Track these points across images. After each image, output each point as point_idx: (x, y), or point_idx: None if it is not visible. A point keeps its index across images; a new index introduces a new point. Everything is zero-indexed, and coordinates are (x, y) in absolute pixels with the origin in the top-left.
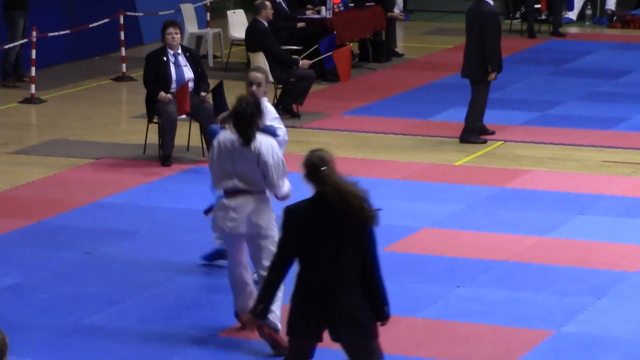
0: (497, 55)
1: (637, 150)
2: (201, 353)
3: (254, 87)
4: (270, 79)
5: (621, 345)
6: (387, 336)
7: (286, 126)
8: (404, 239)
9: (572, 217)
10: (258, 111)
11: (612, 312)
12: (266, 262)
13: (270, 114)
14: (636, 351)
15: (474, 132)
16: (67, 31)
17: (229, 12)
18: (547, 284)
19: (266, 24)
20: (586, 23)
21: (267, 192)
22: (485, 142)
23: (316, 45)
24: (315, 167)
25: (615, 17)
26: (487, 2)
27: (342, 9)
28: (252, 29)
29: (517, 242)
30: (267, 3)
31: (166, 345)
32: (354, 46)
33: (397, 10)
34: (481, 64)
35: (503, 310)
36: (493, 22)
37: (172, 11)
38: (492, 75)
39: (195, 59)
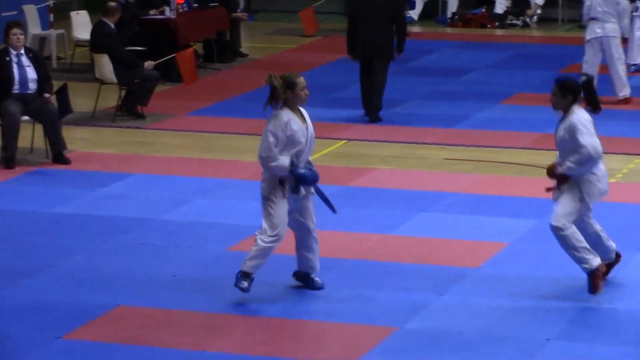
0: None
1: (478, 148)
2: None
3: (306, 91)
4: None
5: (463, 340)
6: (232, 336)
7: (130, 127)
8: (248, 238)
9: (415, 215)
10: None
11: (454, 308)
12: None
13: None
14: (478, 346)
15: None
16: None
17: (73, 14)
18: (391, 281)
19: (112, 26)
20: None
21: None
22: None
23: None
24: None
25: (456, 16)
26: None
27: (185, 9)
28: (98, 30)
29: (362, 240)
30: (119, 7)
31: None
32: (198, 47)
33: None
34: (392, 45)
35: (347, 308)
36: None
37: (15, 12)
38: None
39: (38, 59)
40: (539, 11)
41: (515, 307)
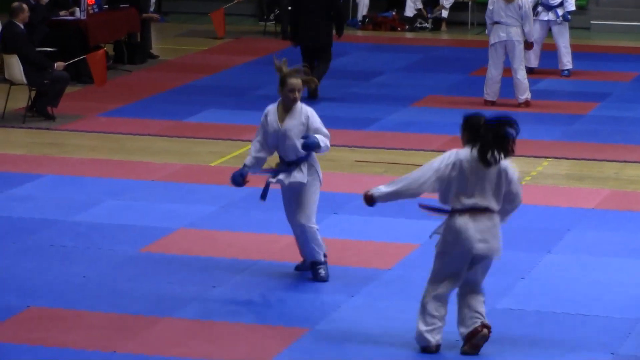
0: None
1: (388, 150)
2: None
3: (297, 94)
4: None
5: (373, 340)
6: (143, 337)
7: (40, 128)
8: (160, 240)
9: (326, 216)
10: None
11: (364, 309)
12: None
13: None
14: (388, 346)
15: None
16: None
17: None
18: (302, 282)
19: (22, 27)
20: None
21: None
22: None
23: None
24: None
25: (367, 19)
26: None
27: (96, 10)
28: (8, 31)
29: (273, 242)
30: (25, 6)
31: None
32: (109, 48)
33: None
34: (331, 29)
35: (259, 309)
36: None
37: None
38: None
39: None
40: (445, 13)
41: None
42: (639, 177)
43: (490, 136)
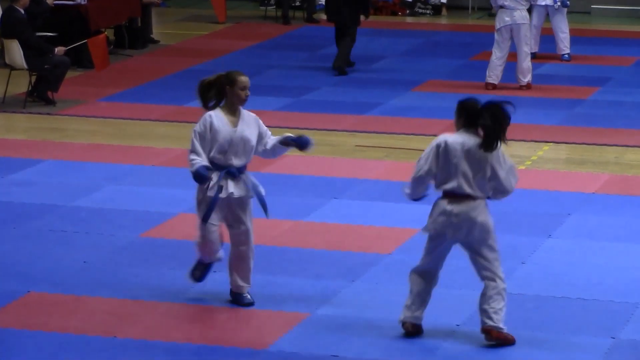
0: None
1: (389, 135)
2: None
3: (248, 92)
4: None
5: (374, 326)
6: (144, 322)
7: (41, 113)
8: (160, 225)
9: (326, 201)
10: None
11: (365, 294)
12: None
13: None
14: (388, 331)
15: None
16: None
17: None
18: (302, 267)
19: (22, 12)
20: None
21: None
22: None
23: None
24: None
25: None
26: None
27: None
28: (8, 15)
29: (273, 227)
30: None
31: None
32: (109, 33)
33: None
34: (359, 10)
35: (259, 294)
36: None
37: None
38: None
39: None
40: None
41: None
42: None
43: (492, 121)
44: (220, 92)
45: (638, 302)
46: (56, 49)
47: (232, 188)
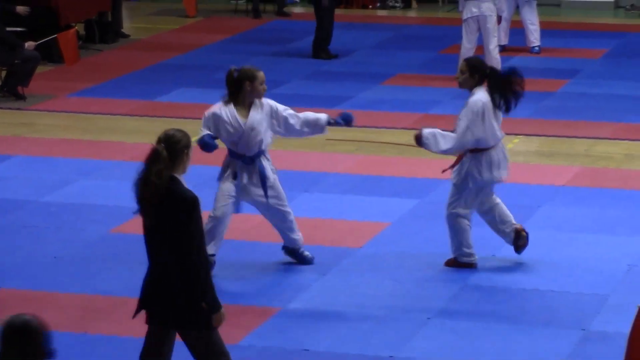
0: None
1: (360, 129)
2: None
3: (265, 86)
4: None
5: (345, 319)
6: (115, 317)
7: (11, 108)
8: (131, 220)
9: (297, 195)
10: None
11: (336, 288)
12: None
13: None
14: (359, 324)
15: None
16: None
17: None
18: (273, 261)
19: None
20: None
21: None
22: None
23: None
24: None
25: None
26: None
27: None
28: None
29: (244, 221)
30: None
31: None
32: (80, 27)
33: None
34: None
35: (229, 288)
36: None
37: None
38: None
39: None
40: None
41: (397, 287)
42: (609, 154)
43: (507, 85)
44: (239, 87)
45: (608, 294)
46: (26, 44)
47: (245, 180)
